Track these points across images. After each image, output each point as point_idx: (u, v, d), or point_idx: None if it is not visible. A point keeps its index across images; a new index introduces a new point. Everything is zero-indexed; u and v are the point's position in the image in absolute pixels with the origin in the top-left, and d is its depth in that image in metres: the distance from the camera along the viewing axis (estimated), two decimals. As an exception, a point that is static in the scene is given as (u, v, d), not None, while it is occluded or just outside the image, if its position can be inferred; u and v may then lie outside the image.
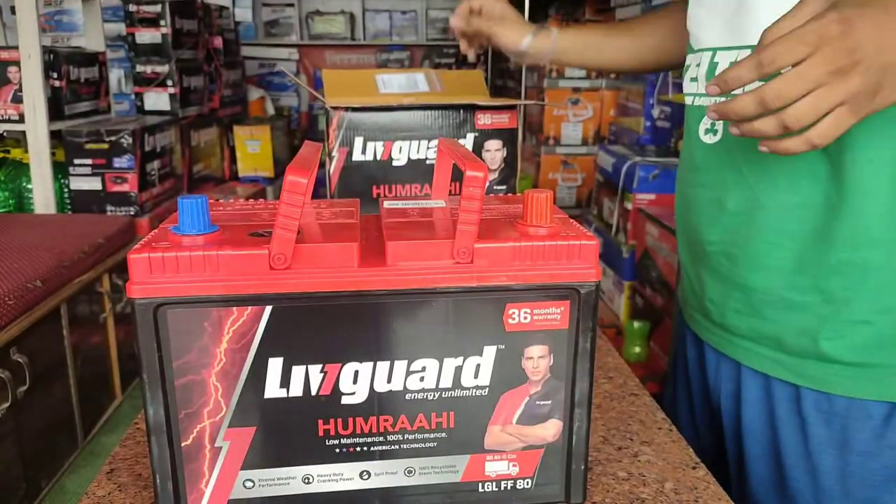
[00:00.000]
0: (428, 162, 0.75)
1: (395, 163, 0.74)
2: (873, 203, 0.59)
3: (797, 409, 0.67)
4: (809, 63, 0.47)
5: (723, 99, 0.59)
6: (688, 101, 0.75)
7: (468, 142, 0.75)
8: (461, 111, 0.74)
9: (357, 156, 0.74)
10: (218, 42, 3.24)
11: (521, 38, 0.91)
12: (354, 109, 0.72)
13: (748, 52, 0.62)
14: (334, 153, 0.73)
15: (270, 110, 4.11)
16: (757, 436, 0.71)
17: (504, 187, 0.77)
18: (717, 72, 0.67)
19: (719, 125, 0.69)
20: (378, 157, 0.74)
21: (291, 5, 4.65)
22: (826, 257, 0.62)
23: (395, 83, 0.84)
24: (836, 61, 0.47)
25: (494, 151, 0.76)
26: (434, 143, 0.74)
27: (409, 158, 0.75)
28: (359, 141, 0.73)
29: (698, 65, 0.72)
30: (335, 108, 0.72)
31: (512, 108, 0.75)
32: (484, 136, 0.75)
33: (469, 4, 0.91)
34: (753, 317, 0.69)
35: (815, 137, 0.49)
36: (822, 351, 0.65)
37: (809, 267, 0.64)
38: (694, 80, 0.73)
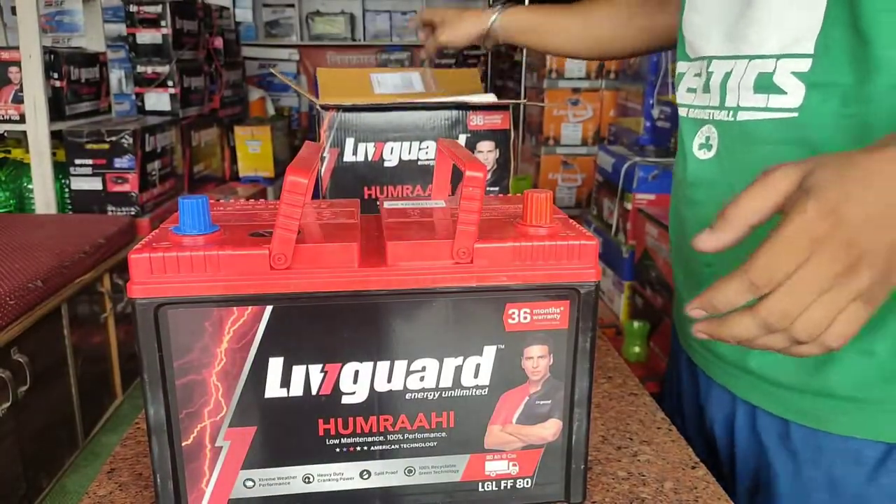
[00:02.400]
0: (419, 163, 0.75)
1: (386, 164, 0.74)
2: None
3: (786, 444, 0.63)
4: (809, 271, 0.40)
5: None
6: (682, 112, 0.71)
7: (460, 143, 0.75)
8: (453, 112, 0.74)
9: (348, 156, 0.73)
10: (218, 42, 3.24)
11: (465, 32, 0.99)
12: (345, 109, 0.72)
13: (745, 62, 0.60)
14: (325, 154, 0.73)
15: (271, 110, 4.11)
16: (749, 466, 0.68)
17: (497, 189, 0.77)
18: (715, 82, 0.64)
19: (714, 140, 0.65)
20: (369, 158, 0.74)
21: (292, 6, 4.65)
22: None
23: (389, 83, 0.84)
24: (837, 262, 0.40)
25: (487, 153, 0.75)
26: (426, 144, 0.74)
27: (400, 159, 0.74)
28: (350, 142, 0.73)
29: (697, 74, 0.68)
30: (326, 108, 0.72)
31: (504, 108, 0.74)
32: (476, 136, 0.75)
33: (419, 21, 1.03)
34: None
35: (831, 341, 0.42)
36: (816, 383, 0.59)
37: None
38: (691, 90, 0.69)
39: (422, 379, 0.49)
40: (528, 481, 0.52)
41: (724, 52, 0.63)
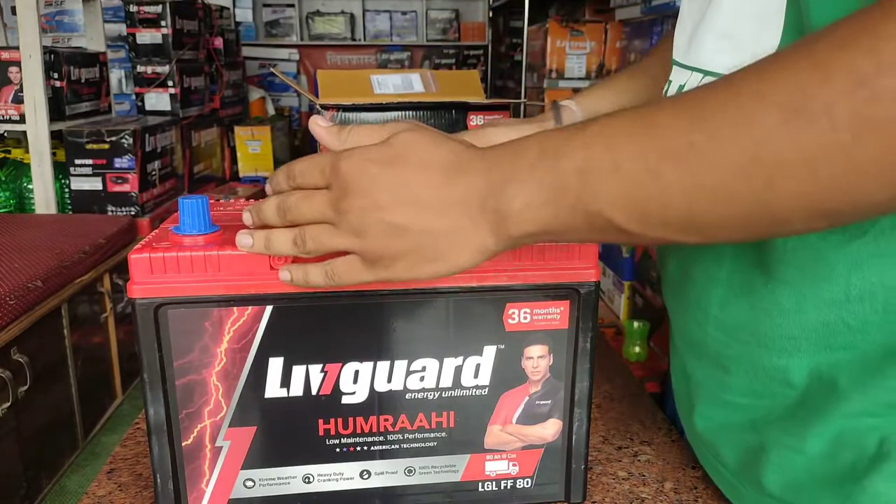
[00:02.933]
0: None
1: None
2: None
3: None
4: (308, 196, 0.42)
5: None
6: None
7: None
8: (453, 112, 0.74)
9: None
10: (218, 42, 3.24)
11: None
12: (345, 109, 0.72)
13: (699, 76, 0.49)
14: None
15: (271, 110, 4.11)
16: None
17: None
18: (670, 94, 0.53)
19: None
20: None
21: (292, 6, 4.66)
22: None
23: (389, 84, 0.84)
24: (330, 205, 0.41)
25: None
26: None
27: None
28: None
29: (668, 80, 0.58)
30: (326, 108, 0.72)
31: (505, 108, 0.75)
32: None
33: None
34: (692, 406, 0.54)
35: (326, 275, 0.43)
36: (752, 475, 0.49)
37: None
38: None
39: (422, 379, 0.49)
40: (528, 481, 0.52)
41: (684, 58, 0.53)
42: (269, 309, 0.46)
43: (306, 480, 0.50)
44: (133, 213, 2.30)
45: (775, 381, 0.46)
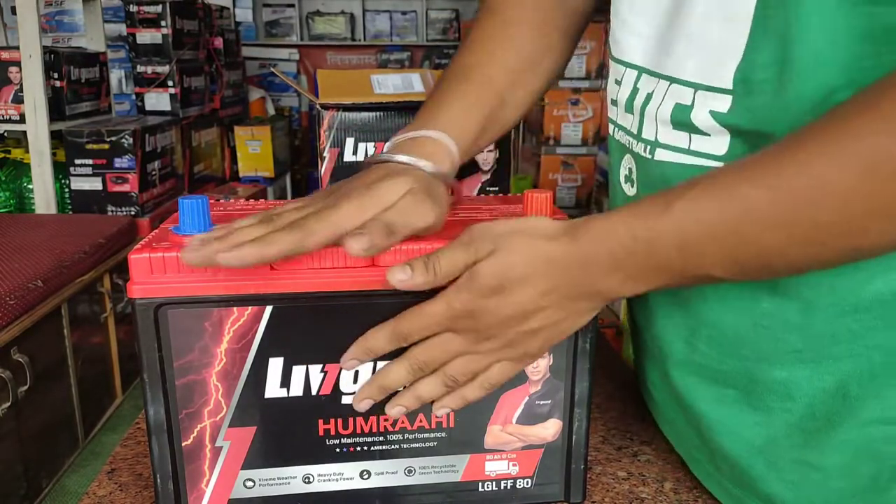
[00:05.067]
0: None
1: None
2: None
3: None
4: (442, 340, 0.45)
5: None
6: (610, 128, 0.58)
7: None
8: None
9: (348, 156, 0.73)
10: (218, 42, 3.24)
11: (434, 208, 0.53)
12: (345, 108, 0.72)
13: (666, 84, 0.47)
14: (325, 154, 0.73)
15: (271, 111, 4.11)
16: None
17: (497, 188, 0.77)
18: (637, 103, 0.50)
19: (634, 176, 0.53)
20: None
21: (292, 6, 4.65)
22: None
23: (389, 84, 0.84)
24: (466, 340, 0.45)
25: (487, 152, 0.75)
26: None
27: None
28: (350, 142, 0.73)
29: (618, 81, 0.54)
30: (327, 108, 0.72)
31: None
32: None
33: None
34: (681, 413, 0.54)
35: (486, 384, 0.47)
36: (765, 494, 0.49)
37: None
38: (614, 103, 0.55)
39: (422, 379, 0.49)
40: (528, 481, 0.52)
41: (650, 63, 0.49)
42: (269, 309, 0.46)
43: (306, 480, 0.50)
44: (133, 213, 2.30)
45: (774, 395, 0.46)
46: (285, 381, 0.48)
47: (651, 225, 0.40)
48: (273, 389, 0.48)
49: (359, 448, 0.50)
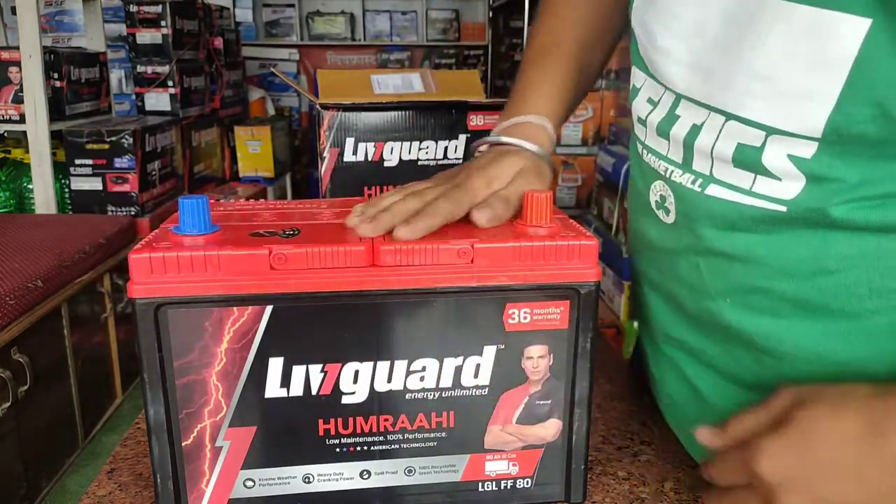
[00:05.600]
0: (419, 163, 0.75)
1: (386, 164, 0.74)
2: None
3: None
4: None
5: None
6: (637, 146, 0.56)
7: (460, 143, 0.75)
8: (453, 112, 0.74)
9: (348, 156, 0.73)
10: (218, 42, 3.24)
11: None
12: (345, 109, 0.72)
13: (721, 119, 0.45)
14: (325, 154, 0.73)
15: (271, 111, 4.11)
16: None
17: None
18: (679, 132, 0.48)
19: (671, 205, 0.51)
20: (369, 158, 0.74)
21: (292, 6, 4.65)
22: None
23: (389, 84, 0.84)
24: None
25: None
26: (426, 144, 0.74)
27: (400, 160, 0.74)
28: (350, 142, 0.73)
29: (653, 101, 0.51)
30: (327, 108, 0.72)
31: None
32: (476, 136, 0.75)
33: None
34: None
35: None
36: None
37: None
38: (642, 122, 0.53)
39: (422, 379, 0.49)
40: (528, 481, 0.52)
41: (694, 92, 0.46)
42: (269, 309, 0.46)
43: (306, 480, 0.50)
44: (133, 213, 2.30)
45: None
46: (285, 381, 0.48)
47: None
48: (273, 389, 0.48)
49: (359, 448, 0.50)
